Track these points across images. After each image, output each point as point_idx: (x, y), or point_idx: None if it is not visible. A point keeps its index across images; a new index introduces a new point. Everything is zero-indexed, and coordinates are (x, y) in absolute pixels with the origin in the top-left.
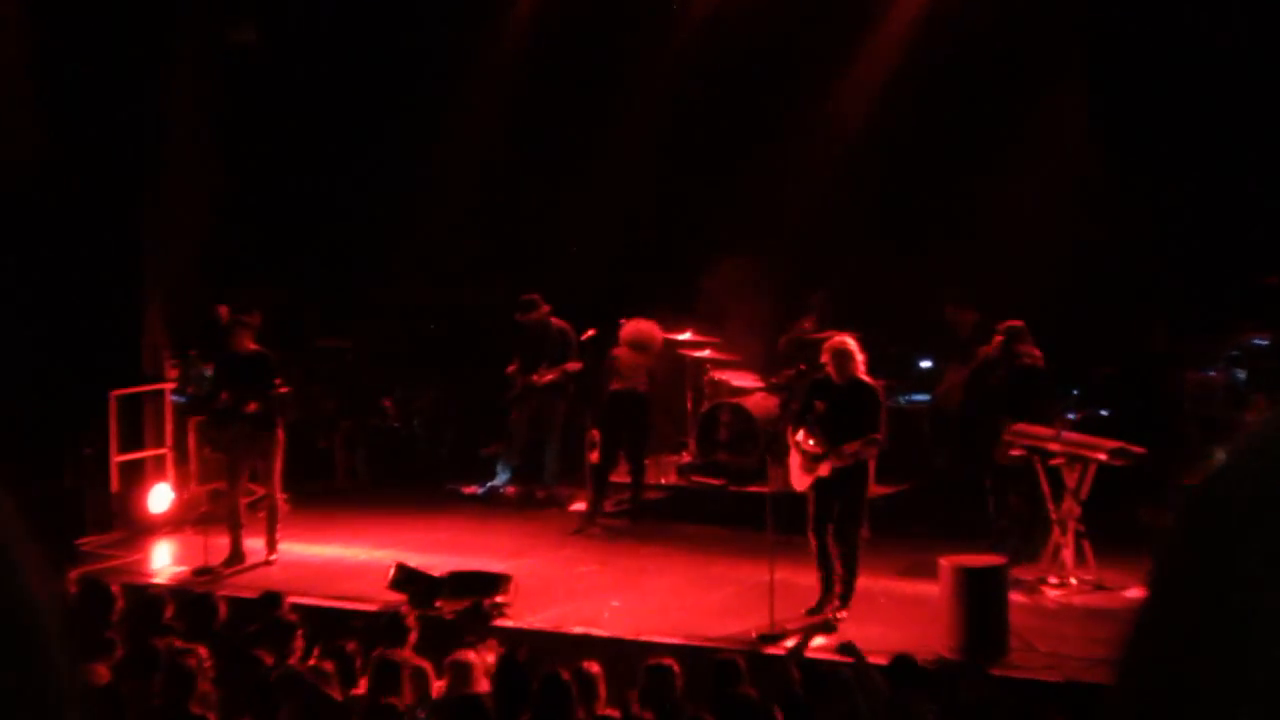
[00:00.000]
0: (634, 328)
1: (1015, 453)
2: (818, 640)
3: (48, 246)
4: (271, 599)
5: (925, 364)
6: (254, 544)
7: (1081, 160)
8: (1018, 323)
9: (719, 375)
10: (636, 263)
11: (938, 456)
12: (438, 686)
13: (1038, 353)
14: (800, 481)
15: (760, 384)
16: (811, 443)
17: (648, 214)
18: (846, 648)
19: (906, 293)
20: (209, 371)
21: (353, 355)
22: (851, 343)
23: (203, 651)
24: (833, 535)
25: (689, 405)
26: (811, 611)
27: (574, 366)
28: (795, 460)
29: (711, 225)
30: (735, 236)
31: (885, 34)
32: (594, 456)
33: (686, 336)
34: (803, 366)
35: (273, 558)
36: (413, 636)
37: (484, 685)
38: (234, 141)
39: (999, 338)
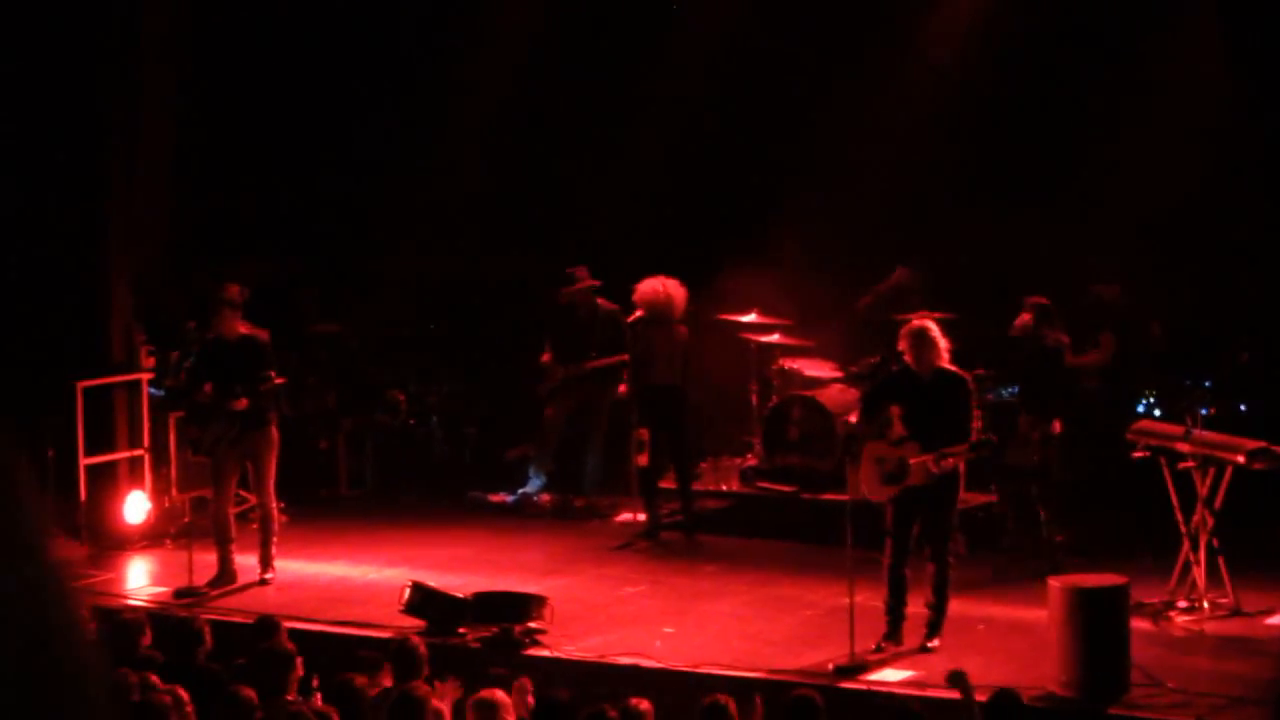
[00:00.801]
0: (646, 290)
1: (1139, 454)
2: (901, 674)
3: None
4: (266, 625)
5: None
6: (246, 561)
7: (1213, 106)
8: (1044, 300)
9: (789, 364)
10: (691, 233)
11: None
12: None
13: (1065, 338)
14: (879, 491)
15: (838, 374)
16: (895, 448)
17: (703, 176)
18: (956, 678)
19: (1006, 267)
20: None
21: (357, 341)
22: (933, 326)
23: (182, 693)
24: (926, 554)
25: (754, 399)
26: (887, 639)
27: (624, 357)
28: (872, 467)
29: (779, 188)
30: (806, 202)
31: None
32: (642, 460)
33: (751, 319)
34: (879, 356)
35: (268, 577)
36: (425, 670)
37: None
38: (216, 101)
39: (1026, 315)
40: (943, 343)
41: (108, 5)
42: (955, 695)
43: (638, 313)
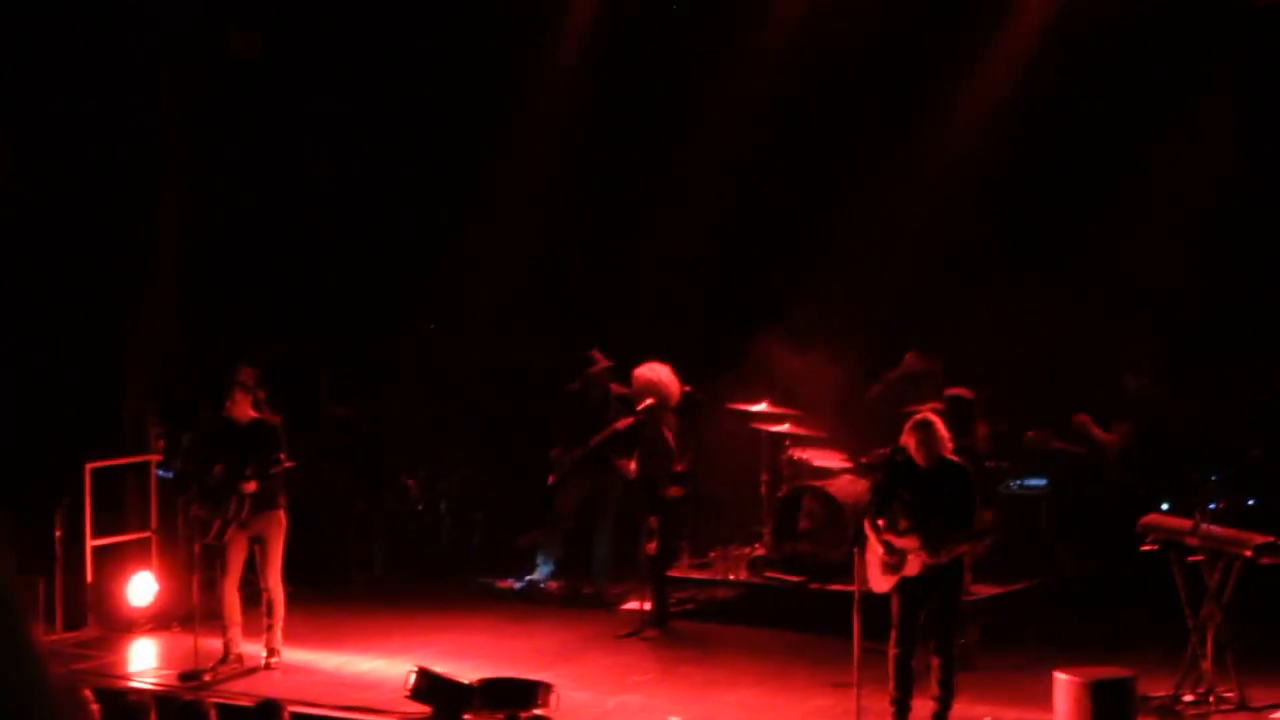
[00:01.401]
0: (650, 375)
1: (1148, 547)
2: None
3: (12, 297)
4: (269, 709)
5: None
6: (251, 646)
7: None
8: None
9: (799, 454)
10: (700, 322)
11: (1059, 551)
12: None
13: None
14: (881, 582)
15: (848, 464)
16: (898, 538)
17: (713, 263)
18: None
19: (1020, 358)
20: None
21: (368, 426)
22: (936, 419)
23: None
24: (932, 647)
25: (764, 489)
26: None
27: (623, 423)
28: (874, 557)
29: (790, 276)
30: (817, 290)
31: (1001, 47)
32: (651, 547)
33: (762, 408)
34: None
35: (273, 661)
36: None
37: None
38: (234, 181)
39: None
40: (946, 434)
41: (127, 83)
42: None
43: (648, 401)
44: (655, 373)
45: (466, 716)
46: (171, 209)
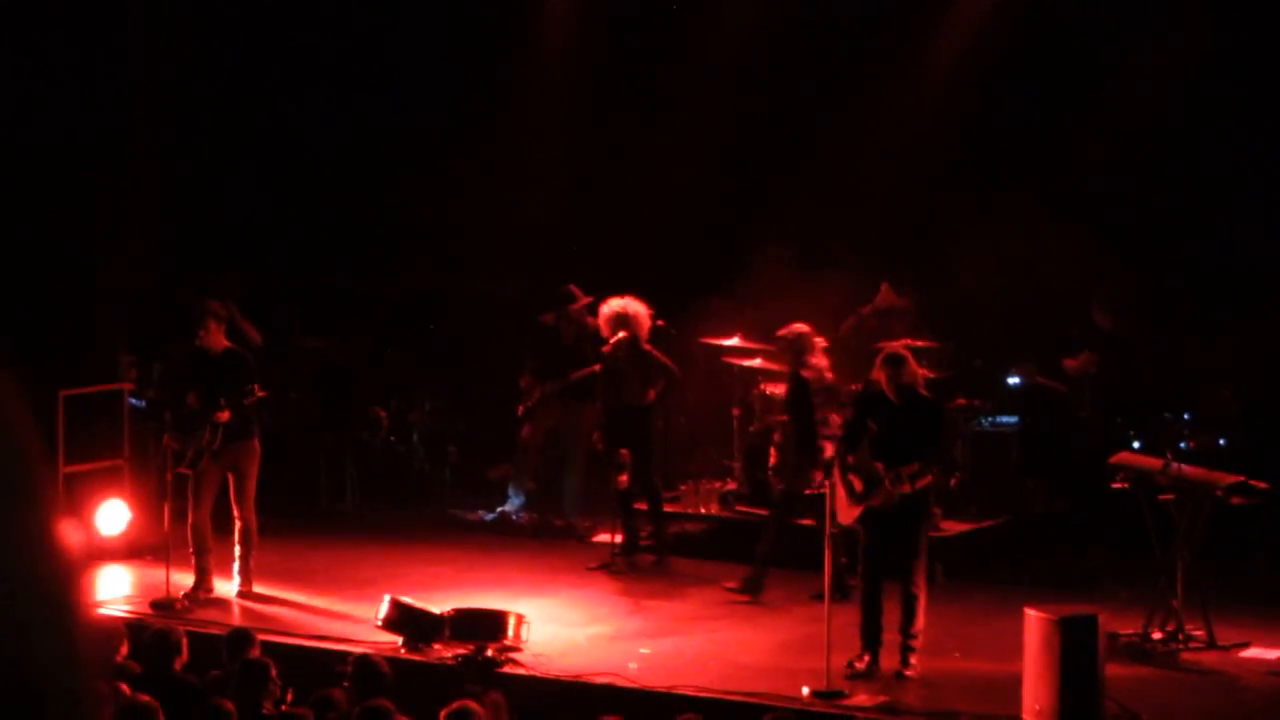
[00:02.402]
0: (618, 309)
1: (1118, 485)
2: (875, 699)
3: None
4: (241, 638)
5: (1013, 381)
6: (223, 575)
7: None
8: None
9: (771, 389)
10: (674, 255)
11: (1029, 488)
12: None
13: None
14: (846, 513)
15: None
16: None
17: (688, 197)
18: None
19: (992, 296)
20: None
21: (339, 356)
22: (907, 353)
23: (153, 703)
24: (899, 578)
25: (735, 424)
26: (858, 667)
27: (598, 368)
28: (841, 489)
29: (767, 209)
30: (795, 221)
31: None
32: (622, 480)
33: (733, 343)
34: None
35: (245, 590)
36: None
37: None
38: (199, 108)
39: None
40: (916, 368)
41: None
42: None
43: (621, 334)
44: (625, 305)
45: (436, 646)
46: (144, 141)
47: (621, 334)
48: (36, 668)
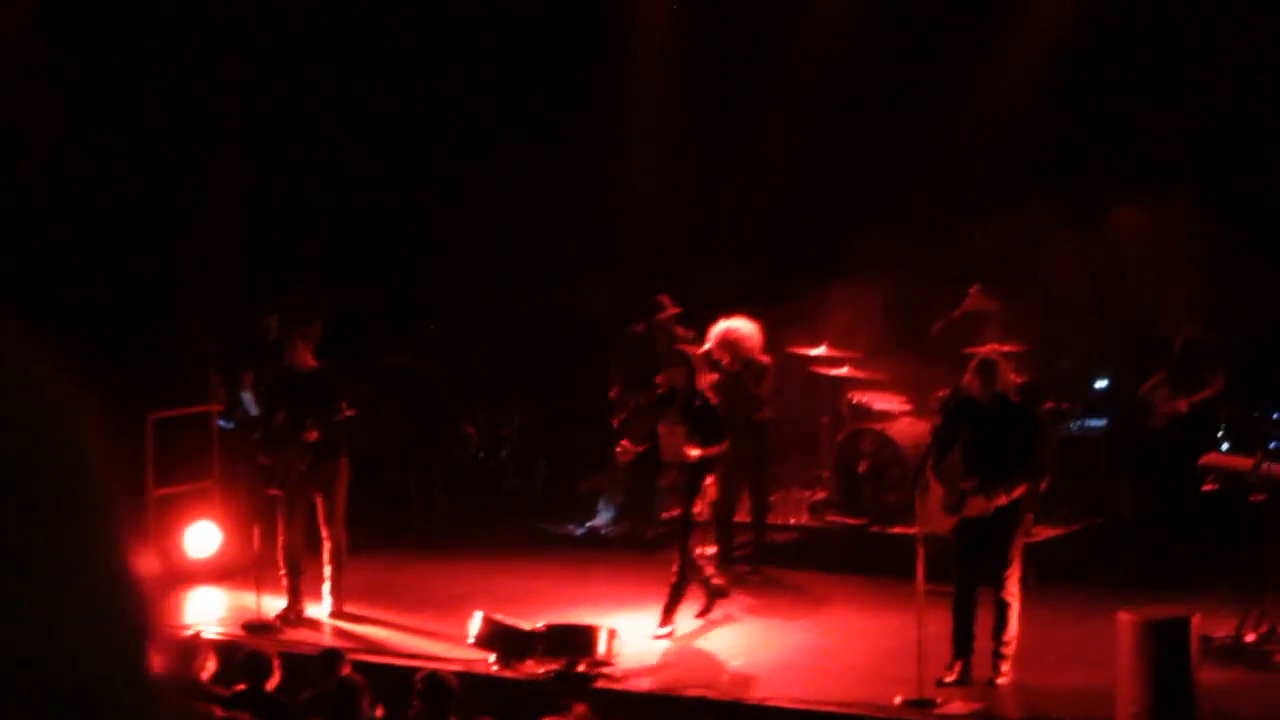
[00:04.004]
0: (729, 329)
1: (1209, 486)
2: (968, 707)
3: (72, 251)
4: (333, 658)
5: (1101, 384)
6: (313, 595)
7: None
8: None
9: (859, 397)
10: (762, 264)
11: (1118, 492)
12: None
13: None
14: (941, 522)
15: (908, 407)
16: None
17: (777, 203)
18: None
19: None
20: (246, 393)
21: (428, 373)
22: (1000, 359)
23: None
24: (993, 585)
25: (825, 433)
26: (950, 676)
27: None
28: (935, 498)
29: (852, 221)
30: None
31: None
32: (713, 492)
33: (820, 352)
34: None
35: (336, 610)
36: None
37: None
38: (286, 127)
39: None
40: (1009, 375)
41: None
42: None
43: (725, 356)
44: (734, 331)
45: (529, 662)
46: (229, 160)
47: (726, 361)
48: (108, 688)
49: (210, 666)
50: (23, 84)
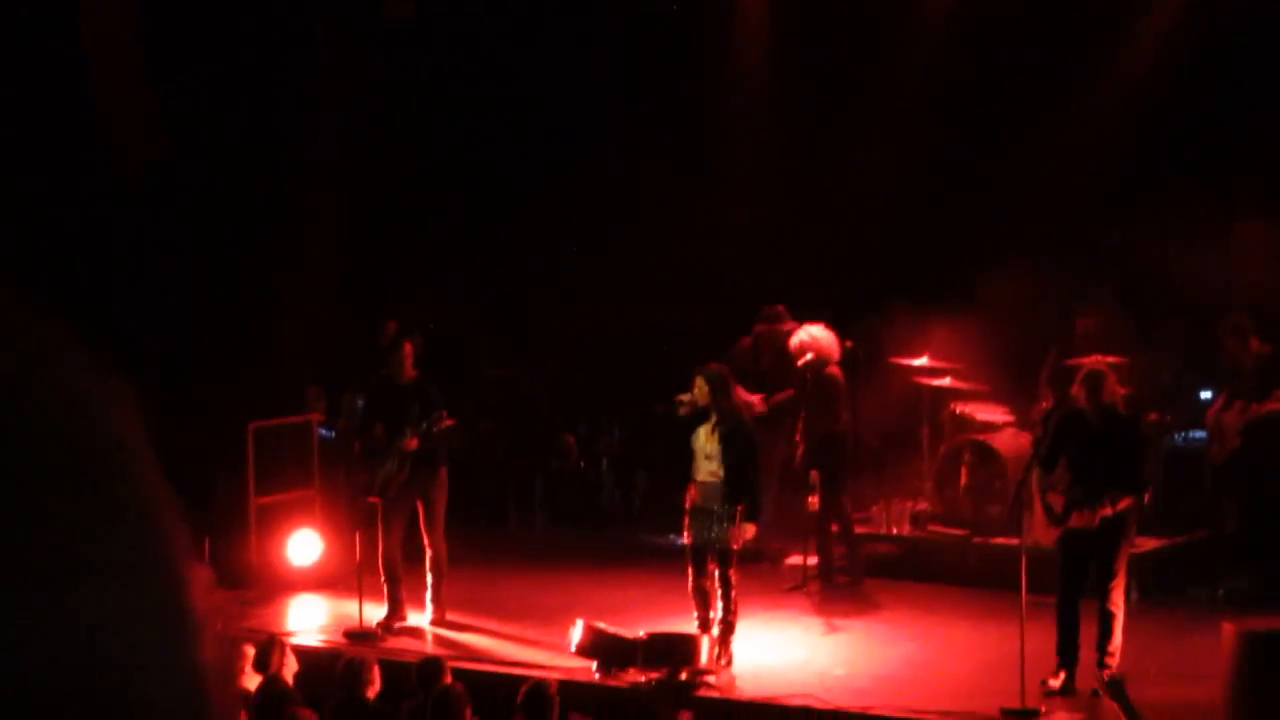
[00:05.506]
0: (812, 335)
1: None
2: (1071, 718)
3: (172, 260)
4: (433, 666)
5: (1207, 395)
6: (414, 604)
7: None
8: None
9: (961, 408)
10: (864, 276)
11: (1222, 505)
12: None
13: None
14: (1047, 534)
15: (1010, 418)
16: (1063, 491)
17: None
18: (1115, 686)
19: (1188, 309)
20: (360, 402)
21: (528, 385)
22: (1108, 371)
23: None
24: (1097, 597)
25: (925, 444)
26: (1053, 685)
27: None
28: (1041, 509)
29: (961, 228)
30: (991, 242)
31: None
32: (813, 502)
33: (923, 362)
34: (1053, 401)
35: (436, 618)
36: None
37: None
38: (389, 144)
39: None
40: (1116, 387)
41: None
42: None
43: (808, 357)
44: (810, 334)
45: (631, 671)
46: (328, 173)
47: (809, 356)
48: (150, 689)
49: (292, 665)
50: (125, 96)
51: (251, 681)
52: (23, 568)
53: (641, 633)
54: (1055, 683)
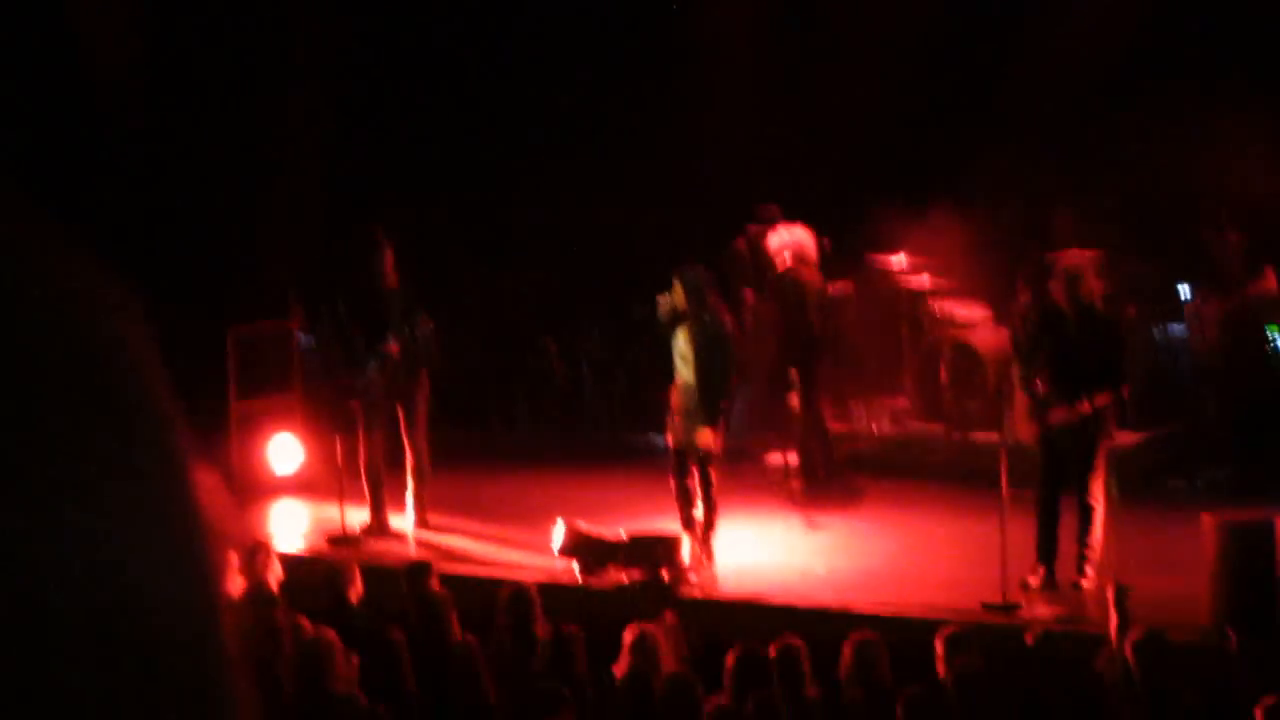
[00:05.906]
0: (788, 237)
1: None
2: (1052, 610)
3: (152, 169)
4: (418, 570)
5: (1183, 289)
6: (397, 508)
7: None
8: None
9: (939, 305)
10: (842, 173)
11: (1201, 398)
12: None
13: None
14: (1026, 430)
15: (988, 313)
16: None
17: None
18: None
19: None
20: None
21: (507, 288)
22: (1085, 263)
23: (333, 636)
24: (1077, 492)
25: (904, 341)
26: (1033, 580)
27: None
28: (1021, 405)
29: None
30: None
31: None
32: (793, 400)
33: (900, 260)
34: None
35: (420, 522)
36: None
37: (669, 664)
38: (368, 54)
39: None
40: (1094, 282)
41: None
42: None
43: (785, 256)
44: (789, 234)
45: (612, 570)
46: (309, 81)
47: (786, 257)
48: (156, 603)
49: (277, 571)
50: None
51: (235, 586)
52: (25, 473)
53: (623, 533)
54: (1035, 580)
